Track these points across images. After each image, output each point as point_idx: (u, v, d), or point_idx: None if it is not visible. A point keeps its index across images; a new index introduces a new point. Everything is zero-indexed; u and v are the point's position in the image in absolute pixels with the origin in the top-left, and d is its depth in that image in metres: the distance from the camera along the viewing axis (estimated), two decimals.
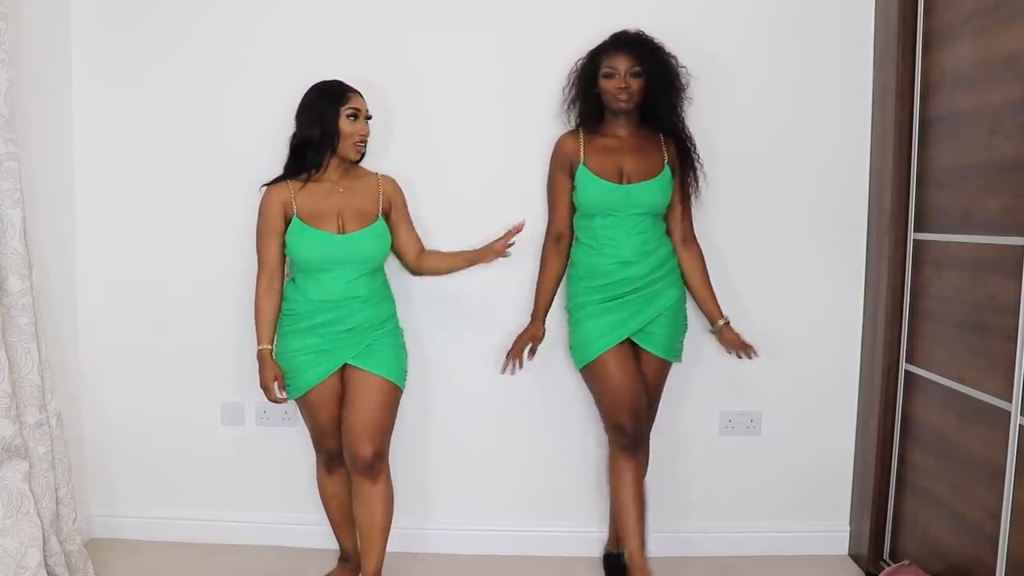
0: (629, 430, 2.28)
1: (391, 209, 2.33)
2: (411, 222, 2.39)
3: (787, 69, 2.53)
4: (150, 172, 2.64)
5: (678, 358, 2.41)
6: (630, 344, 2.33)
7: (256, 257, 2.28)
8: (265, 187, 2.28)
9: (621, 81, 2.24)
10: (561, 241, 2.39)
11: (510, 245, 2.20)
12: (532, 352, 2.44)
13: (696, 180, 2.35)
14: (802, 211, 2.57)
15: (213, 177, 2.62)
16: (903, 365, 2.44)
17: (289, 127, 2.30)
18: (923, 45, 2.32)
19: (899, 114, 2.38)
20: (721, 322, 2.40)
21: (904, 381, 2.44)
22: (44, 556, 2.19)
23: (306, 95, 2.25)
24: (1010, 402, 1.92)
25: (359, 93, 2.26)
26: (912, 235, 2.39)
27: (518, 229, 2.17)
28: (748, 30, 2.52)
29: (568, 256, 2.41)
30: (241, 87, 2.59)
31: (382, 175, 2.36)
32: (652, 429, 2.41)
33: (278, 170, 2.32)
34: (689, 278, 2.39)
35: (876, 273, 2.52)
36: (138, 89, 2.61)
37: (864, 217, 2.57)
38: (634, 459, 2.30)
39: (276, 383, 2.23)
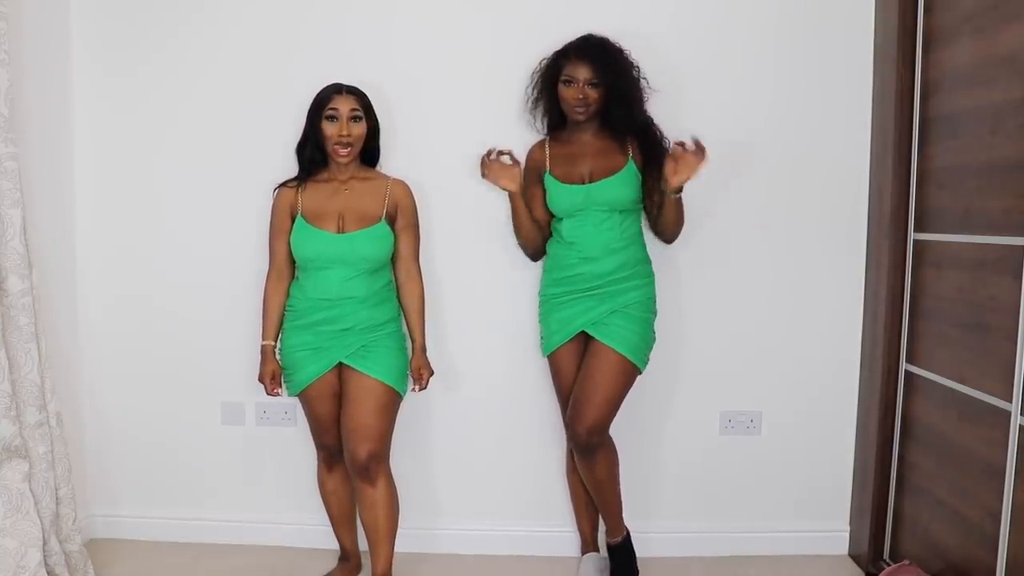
0: (578, 437, 2.27)
1: (397, 214, 2.32)
2: (414, 238, 2.35)
3: (787, 69, 2.53)
4: (150, 172, 2.64)
5: (638, 359, 2.29)
6: (590, 345, 2.30)
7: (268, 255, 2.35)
8: (278, 188, 2.33)
9: (579, 91, 2.23)
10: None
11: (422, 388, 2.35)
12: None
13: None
14: (802, 211, 2.57)
15: (213, 177, 2.62)
16: (903, 365, 2.44)
17: (291, 129, 2.33)
18: (923, 45, 2.32)
19: (899, 114, 2.38)
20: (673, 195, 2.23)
21: (904, 381, 2.44)
22: (44, 556, 2.20)
23: None
24: (1010, 402, 1.92)
25: (352, 94, 2.24)
26: (912, 235, 2.39)
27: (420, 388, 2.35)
28: (748, 30, 2.52)
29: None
30: (240, 87, 2.59)
31: (394, 178, 2.35)
32: (652, 427, 2.40)
33: (279, 171, 2.38)
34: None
35: (876, 273, 2.52)
36: (138, 88, 2.62)
37: (864, 217, 2.57)
38: (587, 462, 2.30)
39: (272, 379, 2.30)
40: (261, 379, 2.31)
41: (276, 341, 2.33)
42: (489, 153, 2.32)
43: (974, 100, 2.09)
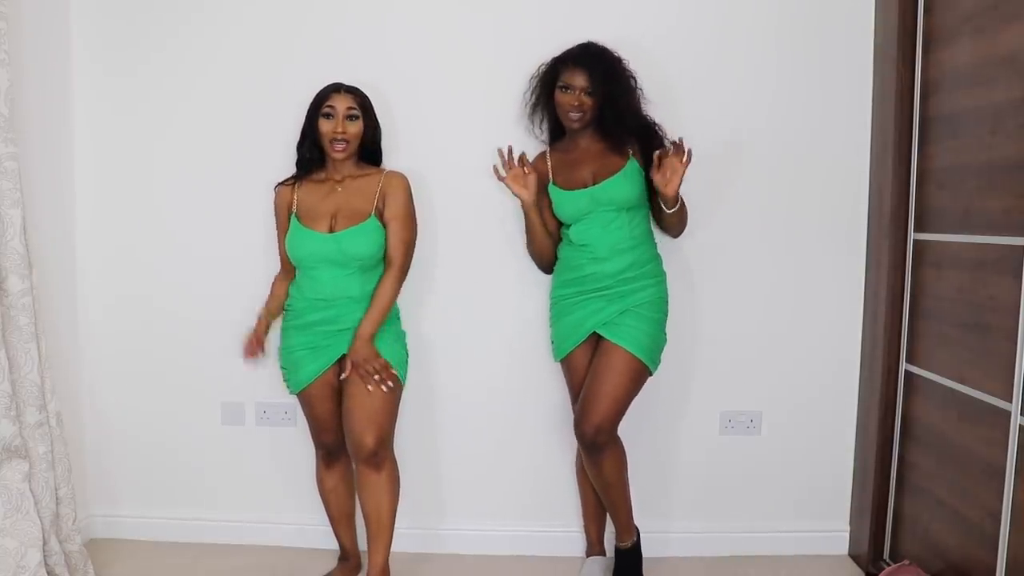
0: (585, 436, 2.26)
1: (384, 205, 2.27)
2: (400, 231, 2.25)
3: (787, 69, 2.53)
4: (150, 172, 2.64)
5: (649, 359, 2.27)
6: (600, 345, 2.30)
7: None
8: (277, 187, 2.35)
9: (575, 98, 2.23)
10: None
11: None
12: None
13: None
14: (802, 211, 2.57)
15: (213, 177, 2.62)
16: (903, 365, 2.44)
17: (291, 129, 2.34)
18: (923, 45, 2.32)
19: (899, 114, 2.38)
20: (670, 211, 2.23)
21: (904, 381, 2.44)
22: (44, 556, 2.20)
23: None
24: (1010, 402, 1.92)
25: (350, 93, 2.25)
26: (912, 235, 2.39)
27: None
28: (748, 30, 2.52)
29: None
30: (240, 87, 2.59)
31: (389, 172, 2.32)
32: (652, 427, 2.39)
33: (279, 171, 2.39)
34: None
35: (876, 273, 2.52)
36: (138, 88, 2.62)
37: (864, 217, 2.57)
38: (594, 461, 2.29)
39: (257, 342, 2.39)
40: (247, 341, 2.41)
41: (272, 319, 2.40)
42: (509, 155, 2.32)
43: (974, 100, 2.09)
